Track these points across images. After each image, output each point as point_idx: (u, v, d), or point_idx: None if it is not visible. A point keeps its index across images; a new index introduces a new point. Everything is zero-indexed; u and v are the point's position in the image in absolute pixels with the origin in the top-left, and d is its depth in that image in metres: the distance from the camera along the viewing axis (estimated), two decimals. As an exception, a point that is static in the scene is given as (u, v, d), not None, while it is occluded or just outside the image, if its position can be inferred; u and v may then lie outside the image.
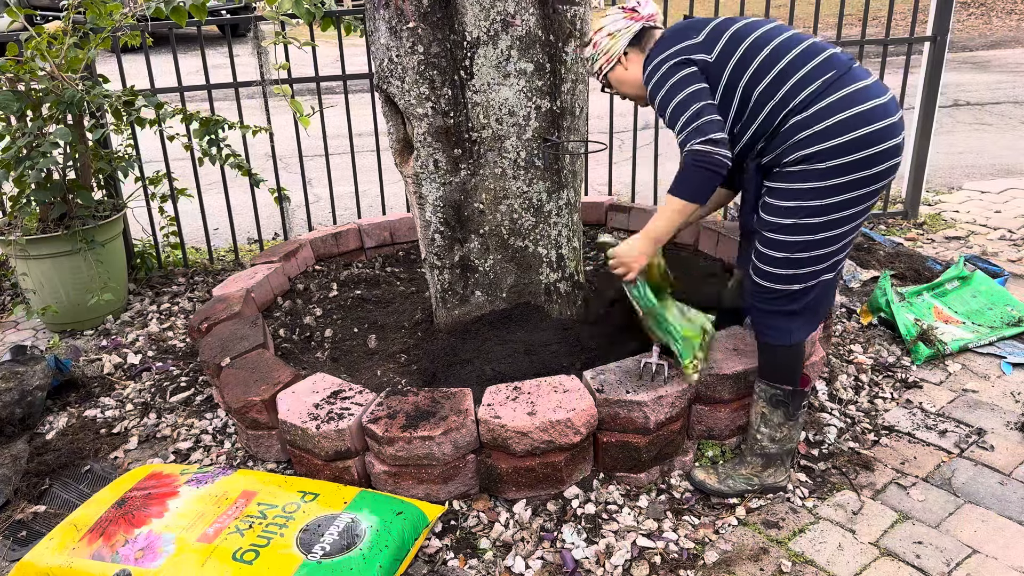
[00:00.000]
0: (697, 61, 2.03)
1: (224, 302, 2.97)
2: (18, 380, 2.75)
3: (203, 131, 3.36)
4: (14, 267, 3.41)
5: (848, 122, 1.90)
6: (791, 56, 1.97)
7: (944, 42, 3.98)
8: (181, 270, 4.07)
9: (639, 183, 5.07)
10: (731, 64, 2.01)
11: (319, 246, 3.60)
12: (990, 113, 7.09)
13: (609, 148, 3.33)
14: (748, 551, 2.02)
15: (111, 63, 9.04)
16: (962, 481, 2.23)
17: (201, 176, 4.64)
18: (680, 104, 1.99)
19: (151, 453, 2.57)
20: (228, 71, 9.60)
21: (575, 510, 2.15)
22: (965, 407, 2.57)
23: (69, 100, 3.11)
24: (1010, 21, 12.91)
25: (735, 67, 2.01)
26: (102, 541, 1.95)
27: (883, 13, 12.73)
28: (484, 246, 2.62)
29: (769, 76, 1.98)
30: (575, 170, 2.68)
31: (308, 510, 2.00)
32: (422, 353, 2.67)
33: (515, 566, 1.99)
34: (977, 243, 3.97)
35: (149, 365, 3.10)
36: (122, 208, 3.59)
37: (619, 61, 2.20)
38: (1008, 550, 1.97)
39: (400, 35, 2.38)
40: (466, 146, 2.50)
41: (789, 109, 1.96)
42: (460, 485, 2.20)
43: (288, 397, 2.31)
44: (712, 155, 1.93)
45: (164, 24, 3.39)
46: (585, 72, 2.60)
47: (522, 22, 2.36)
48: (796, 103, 1.95)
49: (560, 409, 2.12)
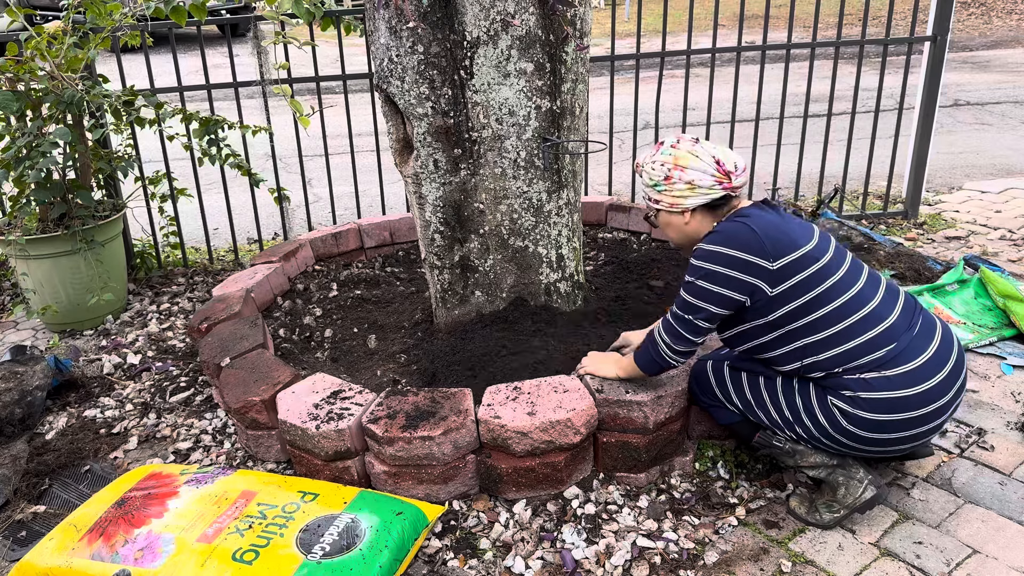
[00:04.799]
0: (752, 288, 1.88)
1: (224, 302, 2.97)
2: (18, 380, 2.75)
3: (203, 131, 3.36)
4: (14, 267, 3.41)
5: (880, 421, 1.87)
6: (853, 319, 1.87)
7: (944, 42, 3.98)
8: (181, 270, 4.06)
9: (639, 183, 5.07)
10: (784, 310, 1.88)
11: (319, 246, 3.60)
12: (990, 113, 7.09)
13: (609, 148, 3.33)
14: (748, 551, 2.01)
15: (111, 63, 9.05)
16: (962, 481, 2.23)
17: (201, 176, 4.64)
18: (694, 302, 1.92)
19: (151, 453, 2.57)
20: (228, 71, 9.60)
21: (575, 510, 2.15)
22: (965, 407, 2.57)
23: (69, 100, 3.11)
24: (1010, 21, 12.91)
25: (788, 313, 1.88)
26: (102, 541, 1.95)
27: (883, 13, 12.72)
28: (484, 246, 2.62)
29: (818, 336, 1.88)
30: (575, 170, 2.68)
31: (308, 510, 2.00)
32: (422, 353, 2.67)
33: (515, 566, 1.99)
34: (977, 243, 3.97)
35: (149, 365, 3.10)
36: (122, 208, 3.59)
37: (683, 213, 2.01)
38: (1008, 550, 1.97)
39: (400, 35, 2.38)
40: (466, 146, 2.49)
41: (826, 372, 1.91)
42: (460, 485, 2.20)
43: (288, 397, 2.31)
44: (662, 355, 2.01)
45: (164, 24, 3.39)
46: (585, 72, 2.60)
47: (522, 22, 2.36)
48: (839, 370, 1.89)
49: (560, 409, 2.11)
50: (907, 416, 1.87)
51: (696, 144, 1.98)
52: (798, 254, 1.87)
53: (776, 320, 1.90)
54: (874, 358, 1.87)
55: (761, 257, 1.86)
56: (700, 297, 1.91)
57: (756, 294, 1.88)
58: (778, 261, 1.86)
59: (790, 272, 1.86)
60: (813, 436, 1.98)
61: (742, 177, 1.98)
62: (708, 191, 1.96)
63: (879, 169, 4.91)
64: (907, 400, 1.86)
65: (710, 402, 2.18)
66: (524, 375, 2.40)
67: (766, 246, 1.87)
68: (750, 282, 1.87)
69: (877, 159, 5.12)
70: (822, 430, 1.95)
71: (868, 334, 1.87)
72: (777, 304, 1.88)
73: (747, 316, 1.94)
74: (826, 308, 1.87)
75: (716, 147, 1.99)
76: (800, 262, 1.87)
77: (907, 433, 1.90)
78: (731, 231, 1.90)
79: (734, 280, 1.88)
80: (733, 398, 2.11)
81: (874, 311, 1.89)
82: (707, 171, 1.95)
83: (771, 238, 1.88)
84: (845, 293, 1.88)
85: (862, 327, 1.87)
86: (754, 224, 1.90)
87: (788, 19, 4.00)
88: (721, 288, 1.89)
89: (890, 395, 1.85)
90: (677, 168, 1.97)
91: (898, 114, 4.14)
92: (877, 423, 1.88)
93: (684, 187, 1.97)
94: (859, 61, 4.02)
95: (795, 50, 4.34)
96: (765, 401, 2.04)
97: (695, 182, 1.95)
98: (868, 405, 1.87)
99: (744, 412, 2.11)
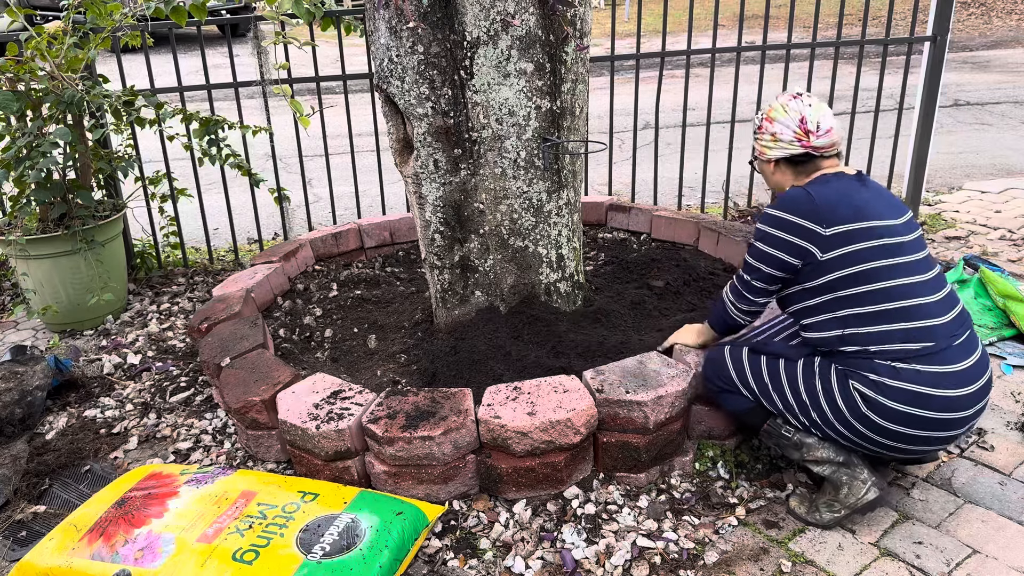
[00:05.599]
0: (804, 251, 1.93)
1: (224, 302, 2.97)
2: (18, 380, 2.75)
3: (203, 131, 3.36)
4: (14, 267, 3.41)
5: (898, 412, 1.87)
6: (899, 304, 1.88)
7: (944, 42, 3.98)
8: (181, 270, 4.06)
9: (639, 183, 5.07)
10: (832, 276, 1.92)
11: (319, 246, 3.60)
12: (990, 113, 7.09)
13: (609, 148, 3.33)
14: (748, 551, 2.01)
15: (111, 63, 9.05)
16: (962, 481, 2.23)
17: (201, 176, 4.64)
18: (753, 263, 2.03)
19: (151, 453, 2.57)
20: (228, 71, 9.60)
21: (575, 510, 2.15)
22: (965, 407, 2.57)
23: (69, 100, 3.11)
24: (1010, 21, 12.91)
25: (839, 279, 1.92)
26: (102, 541, 1.95)
27: (883, 13, 12.72)
28: (484, 246, 2.62)
29: (863, 309, 1.90)
30: (575, 170, 2.68)
31: (308, 510, 2.00)
32: (422, 353, 2.67)
33: (515, 566, 1.99)
34: (977, 243, 3.97)
35: (149, 365, 3.10)
36: (122, 208, 3.59)
37: (770, 162, 2.11)
38: (1008, 550, 1.97)
39: (400, 35, 2.38)
40: (466, 146, 2.50)
41: (860, 348, 1.91)
42: (460, 485, 2.20)
43: (288, 397, 2.31)
44: (729, 313, 2.14)
45: (164, 24, 3.39)
46: (585, 72, 2.60)
47: (522, 22, 2.36)
48: (873, 350, 1.90)
49: (560, 409, 2.12)
50: (926, 415, 1.87)
51: (795, 99, 2.05)
52: (859, 225, 1.90)
53: (825, 284, 1.93)
54: (909, 348, 1.87)
55: (813, 222, 1.92)
56: (757, 258, 2.01)
57: (807, 257, 1.93)
58: (832, 228, 1.90)
59: (845, 240, 1.90)
60: (828, 422, 1.96)
61: (824, 138, 2.01)
62: (788, 146, 2.03)
63: (879, 169, 4.92)
64: (930, 399, 1.86)
65: (723, 386, 2.15)
66: (524, 375, 2.40)
67: (821, 211, 1.91)
68: (801, 245, 1.93)
69: (877, 159, 5.12)
70: (838, 414, 1.93)
71: (912, 323, 1.87)
72: (827, 269, 1.92)
73: (800, 278, 1.98)
74: (878, 284, 1.88)
75: (813, 105, 2.03)
76: (860, 233, 1.89)
77: (922, 433, 1.89)
78: (791, 196, 1.97)
79: (786, 243, 1.95)
80: (749, 381, 2.09)
81: (925, 305, 1.89)
82: (790, 126, 2.02)
83: (829, 204, 1.92)
84: (904, 278, 1.89)
85: (909, 315, 1.88)
86: (815, 190, 1.96)
87: (788, 19, 4.00)
88: (774, 250, 1.97)
89: (915, 388, 1.86)
90: (767, 119, 2.07)
91: (898, 114, 4.14)
92: (896, 414, 1.87)
93: (769, 138, 2.07)
94: (859, 61, 4.02)
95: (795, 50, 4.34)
96: (782, 383, 2.03)
97: (777, 135, 2.04)
98: (891, 393, 1.86)
99: (759, 396, 2.08)
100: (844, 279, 1.91)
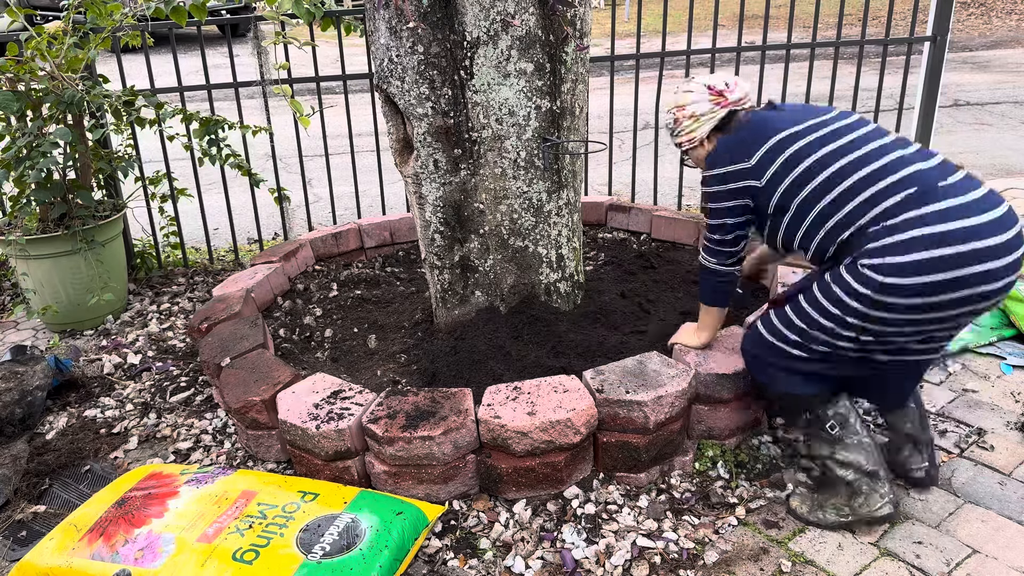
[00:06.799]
0: (746, 188, 2.04)
1: (224, 302, 2.97)
2: (18, 380, 2.75)
3: (203, 131, 3.36)
4: (14, 267, 3.41)
5: (913, 263, 1.76)
6: (859, 175, 1.89)
7: (944, 42, 3.98)
8: (181, 270, 4.07)
9: (639, 183, 5.07)
10: (782, 189, 1.99)
11: (319, 246, 3.60)
12: (990, 113, 7.09)
13: (609, 148, 3.33)
14: (748, 551, 2.02)
15: (111, 63, 9.05)
16: (962, 481, 2.23)
17: (201, 176, 4.65)
18: (716, 222, 2.14)
19: (151, 453, 2.58)
20: (228, 71, 9.60)
21: (575, 510, 2.16)
22: (965, 407, 2.57)
23: (69, 100, 3.12)
24: (1010, 21, 12.91)
25: (787, 191, 1.98)
26: (102, 541, 1.95)
27: (883, 13, 12.73)
28: (484, 246, 2.62)
29: (828, 197, 1.92)
30: (575, 170, 2.68)
31: (308, 510, 2.00)
32: (422, 353, 2.67)
33: (515, 566, 1.99)
34: (977, 243, 3.97)
35: (149, 365, 3.10)
36: (122, 208, 3.59)
37: (701, 143, 2.18)
38: (1008, 550, 1.97)
39: (400, 35, 2.38)
40: (466, 146, 2.50)
41: (855, 229, 1.88)
42: (460, 485, 2.20)
43: (288, 397, 2.31)
44: (713, 271, 2.20)
45: (164, 24, 3.39)
46: (585, 72, 2.60)
47: (522, 22, 2.36)
48: (863, 225, 1.87)
49: (560, 409, 2.12)
50: (949, 253, 1.74)
51: (687, 82, 2.20)
52: (776, 139, 2.01)
53: (782, 200, 2.01)
54: (891, 204, 1.83)
55: (738, 161, 2.05)
56: (718, 216, 2.12)
57: (752, 191, 2.05)
58: (754, 155, 2.03)
59: (770, 158, 2.01)
60: (860, 314, 1.85)
61: (737, 91, 2.14)
62: (710, 115, 2.14)
63: (879, 169, 4.90)
64: (944, 235, 1.74)
65: (775, 359, 2.07)
66: (524, 375, 2.40)
67: (739, 148, 2.05)
68: (742, 186, 2.05)
69: (877, 159, 5.11)
70: (865, 299, 1.82)
71: (881, 183, 1.86)
72: (773, 188, 2.01)
73: (762, 209, 2.06)
74: (827, 171, 1.93)
75: (708, 76, 2.19)
76: (780, 145, 2.00)
77: (956, 274, 1.74)
78: (712, 155, 2.12)
79: (731, 191, 2.07)
80: (789, 335, 2.01)
81: (889, 163, 1.88)
82: (702, 99, 2.14)
83: (741, 141, 2.06)
84: (850, 154, 1.93)
85: (874, 178, 1.87)
86: (725, 140, 2.10)
87: (788, 19, 4.00)
88: (726, 203, 2.09)
89: (919, 233, 1.77)
90: (678, 109, 2.19)
91: (898, 114, 4.14)
92: (916, 264, 1.76)
93: (690, 121, 2.17)
94: (859, 61, 4.02)
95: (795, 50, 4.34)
96: (811, 314, 1.96)
97: (695, 112, 2.15)
98: (901, 248, 1.78)
99: (804, 344, 1.99)
100: (793, 186, 1.97)
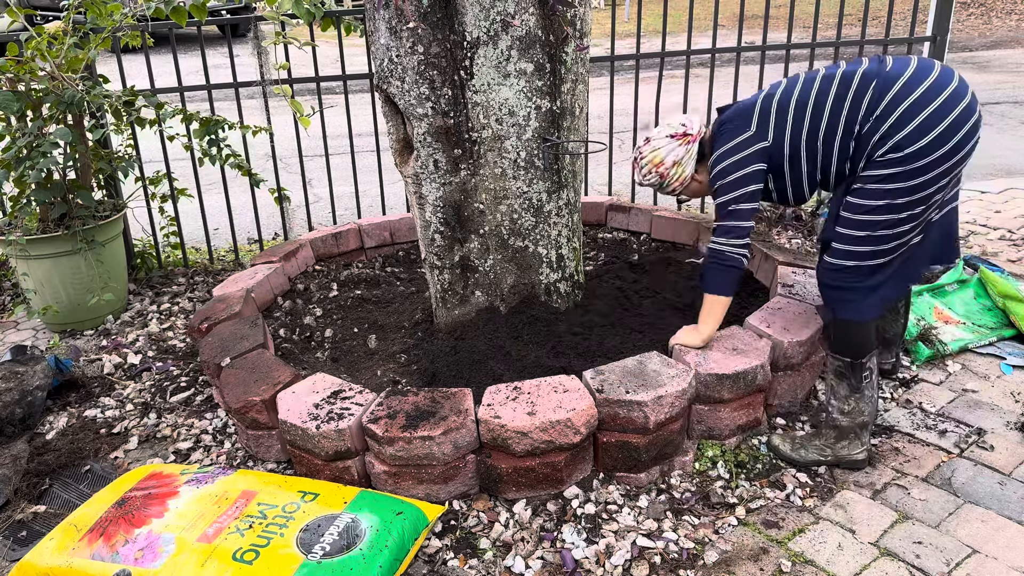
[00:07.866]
0: (758, 153, 2.22)
1: (224, 302, 2.97)
2: (18, 380, 2.75)
3: (203, 131, 3.36)
4: (14, 267, 3.41)
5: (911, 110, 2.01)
6: (830, 102, 2.13)
7: (944, 42, 3.98)
8: (181, 270, 4.07)
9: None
10: (787, 136, 2.20)
11: (319, 246, 3.60)
12: (990, 113, 7.09)
13: (609, 148, 3.33)
14: (748, 551, 2.02)
15: (111, 63, 9.05)
16: (962, 481, 2.23)
17: (201, 176, 4.64)
18: (731, 195, 2.24)
19: (151, 453, 2.58)
20: (228, 71, 9.60)
21: (575, 510, 2.16)
22: (965, 407, 2.57)
23: (69, 100, 3.12)
24: (1010, 21, 12.91)
25: (791, 137, 2.20)
26: (102, 541, 1.95)
27: (883, 13, 12.73)
28: (484, 246, 2.62)
29: (824, 120, 2.14)
30: (575, 170, 2.68)
31: (308, 510, 2.00)
32: (422, 353, 2.67)
33: (515, 566, 1.99)
34: (977, 243, 3.97)
35: (149, 365, 3.10)
36: (122, 208, 3.59)
37: (693, 178, 2.39)
38: (1008, 550, 1.97)
39: (400, 35, 2.38)
40: (466, 146, 2.50)
41: (860, 131, 2.10)
42: (460, 485, 2.20)
43: (288, 397, 2.32)
44: (725, 252, 2.25)
45: (164, 24, 3.39)
46: (585, 72, 2.60)
47: (522, 22, 2.36)
48: (857, 131, 2.10)
49: (560, 409, 2.12)
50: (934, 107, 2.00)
51: (649, 143, 2.39)
52: (758, 107, 2.23)
53: (793, 148, 2.20)
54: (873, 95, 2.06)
55: (742, 133, 2.23)
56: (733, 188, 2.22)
57: (763, 153, 2.22)
58: (752, 125, 2.23)
59: (764, 119, 2.22)
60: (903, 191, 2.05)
61: (697, 123, 2.37)
62: (688, 154, 2.35)
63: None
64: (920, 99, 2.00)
65: (856, 282, 2.18)
66: (524, 375, 2.40)
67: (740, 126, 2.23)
68: (754, 150, 2.21)
69: (877, 159, 5.11)
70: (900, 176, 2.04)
71: (854, 83, 2.10)
72: (780, 138, 2.20)
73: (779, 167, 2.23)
74: (811, 99, 2.16)
75: (660, 128, 2.39)
76: (764, 108, 2.22)
77: (949, 118, 1.99)
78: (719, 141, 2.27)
79: (745, 156, 2.22)
80: (861, 249, 2.15)
81: (846, 70, 2.14)
82: (672, 146, 2.35)
83: (736, 116, 2.26)
84: (815, 78, 2.17)
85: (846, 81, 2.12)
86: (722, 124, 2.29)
87: (788, 19, 4.00)
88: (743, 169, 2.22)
89: (905, 106, 2.01)
90: (658, 165, 2.37)
91: (898, 114, 4.14)
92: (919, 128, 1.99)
93: (675, 170, 2.37)
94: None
95: (795, 50, 4.34)
96: (863, 219, 2.11)
97: (676, 160, 2.35)
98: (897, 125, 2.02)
99: (877, 250, 2.14)
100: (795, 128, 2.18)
